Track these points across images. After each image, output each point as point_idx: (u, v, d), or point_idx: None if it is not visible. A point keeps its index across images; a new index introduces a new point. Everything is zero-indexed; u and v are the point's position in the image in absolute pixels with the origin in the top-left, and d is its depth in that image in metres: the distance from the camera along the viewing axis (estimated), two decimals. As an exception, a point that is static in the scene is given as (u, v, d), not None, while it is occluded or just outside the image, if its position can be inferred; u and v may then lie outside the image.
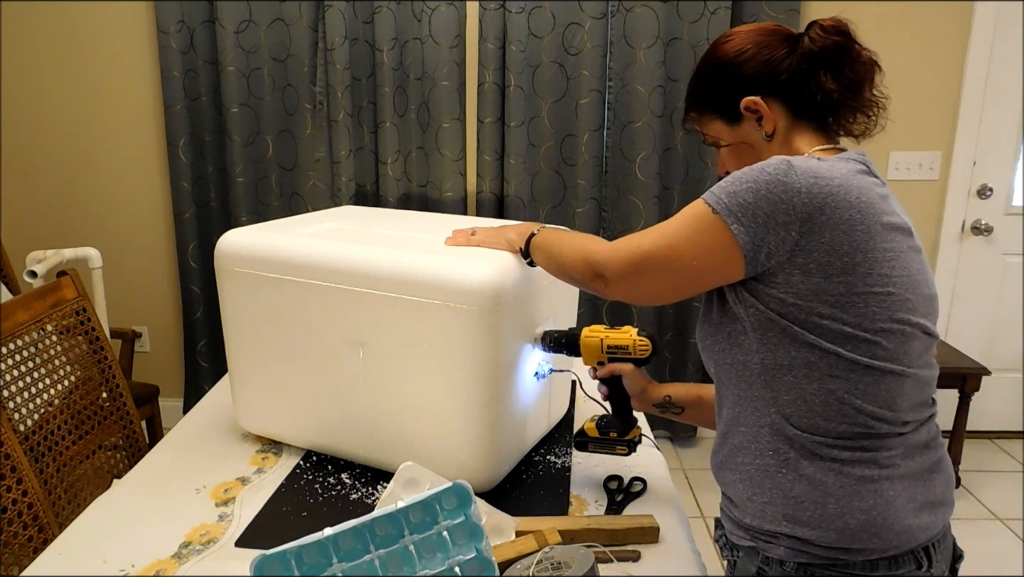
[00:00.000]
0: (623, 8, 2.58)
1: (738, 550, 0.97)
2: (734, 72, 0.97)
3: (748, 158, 0.99)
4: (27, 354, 1.51)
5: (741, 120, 0.99)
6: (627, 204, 2.75)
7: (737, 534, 0.97)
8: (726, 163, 1.03)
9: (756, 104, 0.96)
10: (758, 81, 0.96)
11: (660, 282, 0.95)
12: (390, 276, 1.17)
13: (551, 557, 0.95)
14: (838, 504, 0.89)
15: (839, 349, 0.86)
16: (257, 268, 1.28)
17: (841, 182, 0.85)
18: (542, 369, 1.30)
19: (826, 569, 0.90)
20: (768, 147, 0.99)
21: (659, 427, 3.00)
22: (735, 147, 1.01)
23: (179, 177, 2.76)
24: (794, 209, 0.84)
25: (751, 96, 0.97)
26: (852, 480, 0.89)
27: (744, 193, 0.85)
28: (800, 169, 0.85)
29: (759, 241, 0.85)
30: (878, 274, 0.85)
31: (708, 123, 1.03)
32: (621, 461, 1.36)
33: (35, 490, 1.34)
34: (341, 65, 2.61)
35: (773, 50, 0.96)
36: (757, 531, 0.94)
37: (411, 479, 1.13)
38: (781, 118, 0.97)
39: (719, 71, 0.99)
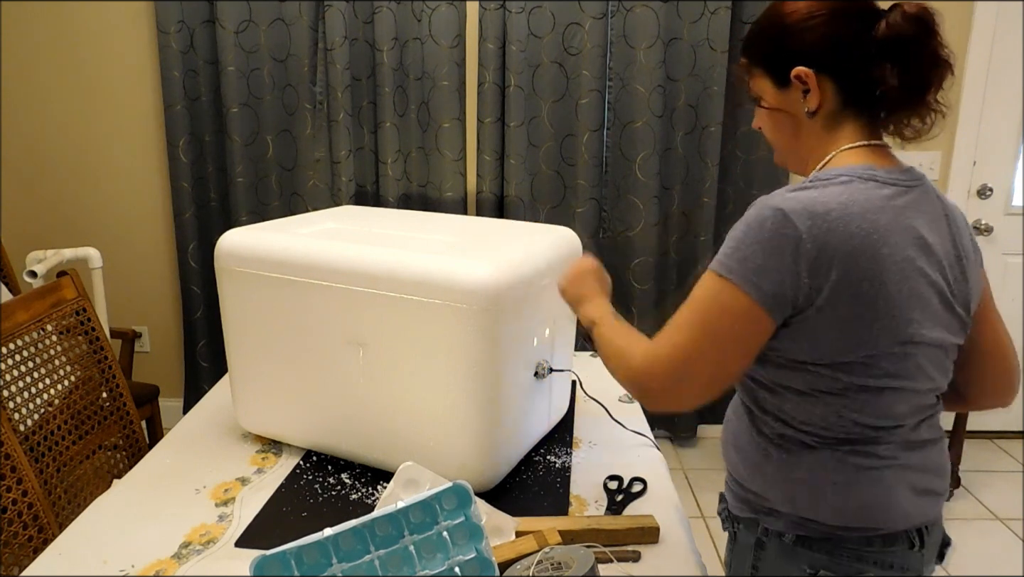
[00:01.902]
0: (623, 8, 2.58)
1: (739, 522, 1.01)
2: (796, 36, 0.91)
3: (785, 129, 0.96)
4: (27, 354, 1.51)
5: (789, 87, 0.93)
6: (627, 204, 2.75)
7: (738, 506, 1.01)
8: (763, 124, 0.99)
9: (807, 76, 0.91)
10: (817, 54, 0.90)
11: (708, 377, 0.88)
12: (390, 276, 1.17)
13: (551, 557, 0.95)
14: (837, 489, 0.91)
15: (838, 375, 0.88)
16: (257, 268, 1.28)
17: (839, 214, 0.83)
18: (542, 369, 1.30)
19: (823, 542, 0.92)
20: (809, 124, 0.94)
21: (659, 427, 3.00)
22: (775, 112, 0.96)
23: (179, 177, 2.76)
24: (801, 257, 0.83)
25: (805, 67, 0.91)
26: (852, 468, 0.91)
27: (754, 257, 0.84)
28: (796, 213, 0.83)
29: (780, 297, 0.84)
30: (883, 299, 0.84)
31: (756, 76, 0.97)
32: (621, 461, 1.36)
33: (35, 490, 1.34)
34: (341, 65, 2.61)
35: (845, 25, 0.89)
36: (757, 505, 0.97)
37: (411, 479, 1.13)
38: (829, 99, 0.92)
39: (782, 28, 0.92)
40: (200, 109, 2.75)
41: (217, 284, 1.35)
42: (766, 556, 0.96)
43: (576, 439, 1.45)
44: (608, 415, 1.45)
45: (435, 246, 1.24)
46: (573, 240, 1.40)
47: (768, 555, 0.96)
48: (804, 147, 0.96)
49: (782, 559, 0.95)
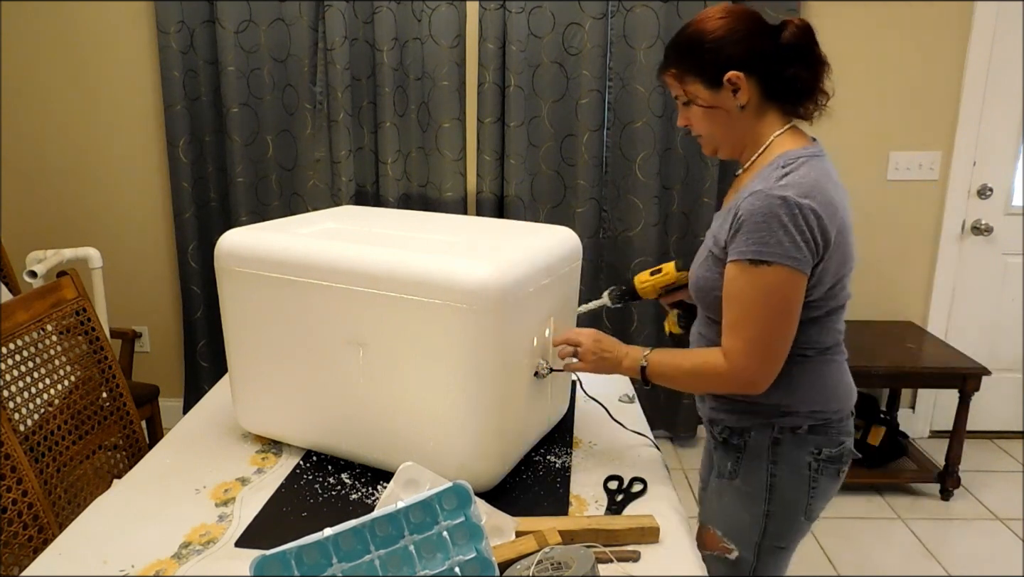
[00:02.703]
0: (623, 8, 2.58)
1: (748, 431, 1.23)
2: (725, 48, 1.12)
3: (719, 122, 1.17)
4: (27, 354, 1.51)
5: (720, 88, 1.14)
6: (627, 204, 2.75)
7: (747, 419, 1.23)
8: (697, 122, 1.19)
9: (738, 79, 1.12)
10: (743, 60, 1.12)
11: (784, 347, 1.13)
12: (390, 276, 1.16)
13: (551, 557, 0.95)
14: (833, 384, 1.21)
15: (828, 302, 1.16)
16: (257, 268, 1.28)
17: (820, 188, 1.08)
18: (542, 369, 1.30)
19: (822, 427, 1.21)
20: (740, 116, 1.16)
21: (659, 427, 3.00)
22: (710, 110, 1.16)
23: (179, 177, 2.76)
24: (813, 227, 1.06)
25: (735, 71, 1.12)
26: (836, 367, 1.22)
27: (783, 238, 1.06)
28: (797, 196, 1.06)
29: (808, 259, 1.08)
30: (848, 242, 1.14)
31: (689, 83, 1.17)
32: (621, 461, 1.36)
33: (35, 490, 1.34)
34: (341, 65, 2.61)
35: (760, 37, 1.12)
36: (773, 412, 1.20)
37: (411, 479, 1.13)
38: (755, 95, 1.14)
39: (711, 43, 1.13)
40: (200, 109, 2.75)
41: (217, 284, 1.35)
42: (782, 449, 1.21)
43: (576, 439, 1.45)
44: (608, 415, 1.45)
45: (435, 246, 1.24)
46: (573, 240, 1.40)
47: (783, 447, 1.21)
48: (737, 135, 1.18)
49: (795, 447, 1.21)
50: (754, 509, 1.24)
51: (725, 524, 1.28)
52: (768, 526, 1.24)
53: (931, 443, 3.04)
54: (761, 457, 1.23)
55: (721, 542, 1.28)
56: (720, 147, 1.22)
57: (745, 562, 1.27)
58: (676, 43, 1.18)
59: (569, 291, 1.40)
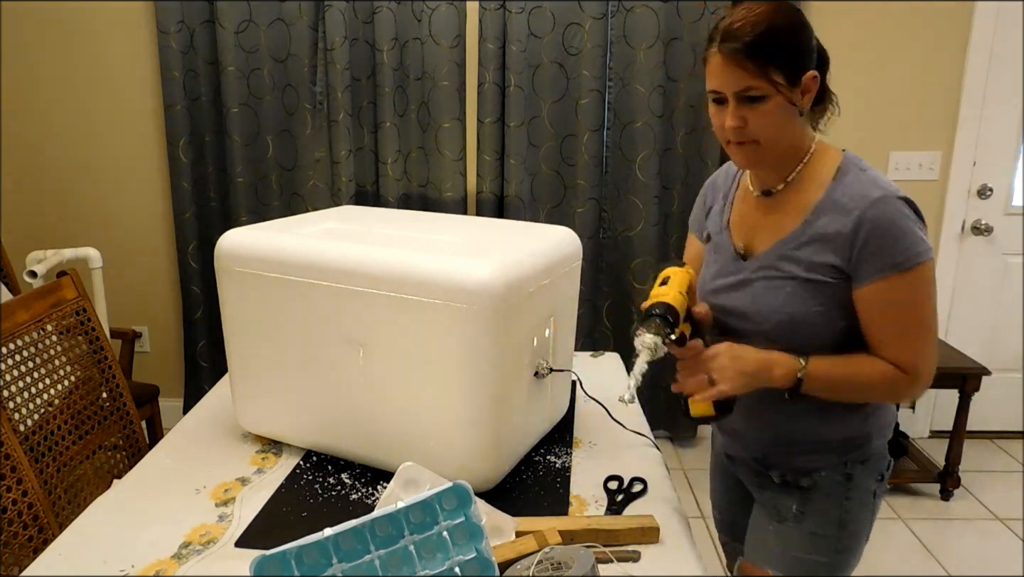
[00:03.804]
0: (623, 8, 2.58)
1: (819, 471, 1.18)
2: (807, 41, 1.06)
3: (784, 120, 1.06)
4: (27, 354, 1.51)
5: (797, 87, 1.05)
6: (627, 204, 2.75)
7: (815, 459, 1.18)
8: (762, 120, 1.05)
9: (814, 81, 1.06)
10: (817, 60, 1.07)
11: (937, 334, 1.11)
12: (390, 276, 1.16)
13: (551, 557, 0.95)
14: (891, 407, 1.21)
15: None
16: (257, 268, 1.28)
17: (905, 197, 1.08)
18: (542, 369, 1.30)
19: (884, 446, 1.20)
20: (798, 120, 1.09)
21: (659, 427, 3.00)
22: (784, 106, 1.05)
23: (179, 177, 2.77)
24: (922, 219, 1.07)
25: (813, 71, 1.06)
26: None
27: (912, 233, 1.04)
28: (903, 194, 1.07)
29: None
30: None
31: (771, 73, 1.02)
32: (621, 461, 1.35)
33: (35, 490, 1.34)
34: (341, 65, 2.61)
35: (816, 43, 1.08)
36: (844, 448, 1.17)
37: (411, 479, 1.13)
38: (809, 100, 1.08)
39: (801, 33, 1.05)
40: (200, 109, 2.75)
41: (217, 284, 1.35)
42: (854, 483, 1.17)
43: (576, 439, 1.45)
44: (608, 415, 1.45)
45: (435, 246, 1.24)
46: (573, 240, 1.40)
47: (855, 481, 1.17)
48: (793, 141, 1.11)
49: (864, 477, 1.18)
50: (824, 548, 1.19)
51: (789, 568, 1.21)
52: (839, 562, 1.19)
53: (931, 443, 3.04)
54: (833, 495, 1.18)
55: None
56: (769, 153, 1.09)
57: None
58: (761, 31, 1.01)
59: (569, 291, 1.40)
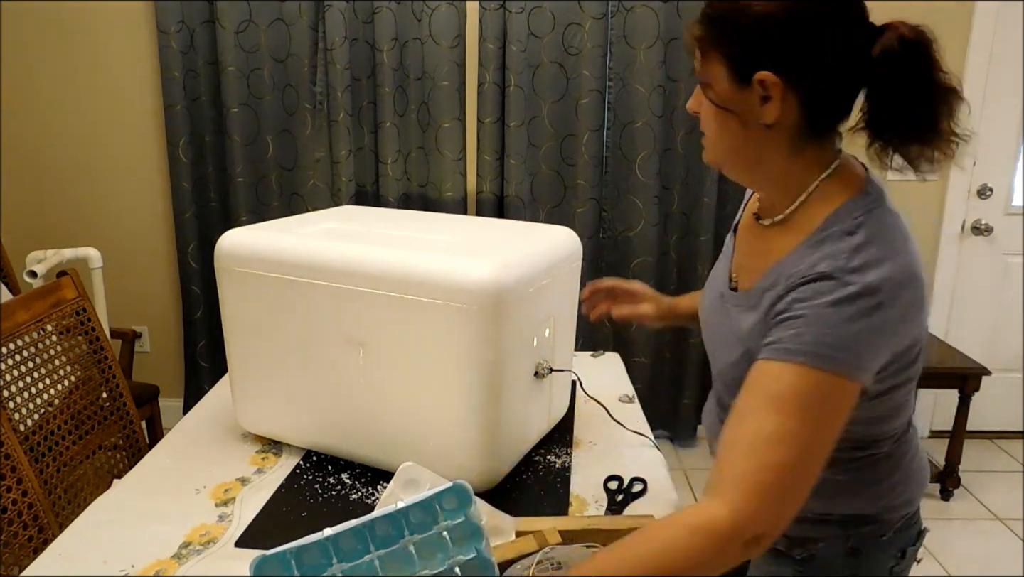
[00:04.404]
0: (623, 8, 2.58)
1: (818, 541, 0.98)
2: (774, 32, 0.74)
3: (730, 133, 0.82)
4: (27, 354, 1.51)
5: (747, 88, 0.78)
6: (627, 204, 2.75)
7: (815, 529, 0.97)
8: (704, 115, 0.84)
9: (772, 85, 0.76)
10: (791, 60, 0.75)
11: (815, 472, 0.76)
12: (390, 276, 1.16)
13: (551, 557, 0.95)
14: (915, 475, 0.97)
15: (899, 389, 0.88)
16: (257, 268, 1.28)
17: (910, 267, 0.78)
18: (542, 369, 1.30)
19: (904, 522, 0.97)
20: (764, 137, 0.80)
21: (659, 427, 3.00)
22: (724, 112, 0.81)
23: (179, 177, 2.77)
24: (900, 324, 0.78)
25: (772, 73, 0.76)
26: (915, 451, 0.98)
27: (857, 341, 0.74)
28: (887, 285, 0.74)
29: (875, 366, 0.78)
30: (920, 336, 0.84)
31: (712, 60, 0.80)
32: (621, 461, 1.35)
33: (35, 490, 1.34)
34: (341, 65, 2.60)
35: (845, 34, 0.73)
36: (847, 522, 0.96)
37: (411, 479, 1.13)
38: (792, 116, 0.78)
39: (756, 18, 0.75)
40: (200, 109, 2.75)
41: (217, 284, 1.35)
42: (863, 561, 0.97)
43: (576, 439, 1.45)
44: (608, 415, 1.45)
45: (435, 246, 1.24)
46: (573, 240, 1.40)
47: (864, 558, 0.97)
48: (756, 159, 0.84)
49: (877, 555, 0.98)
50: None
51: None
52: None
53: (931, 443, 3.03)
54: (833, 571, 0.98)
55: None
56: (723, 162, 0.87)
57: None
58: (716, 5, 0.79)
59: (569, 291, 1.40)
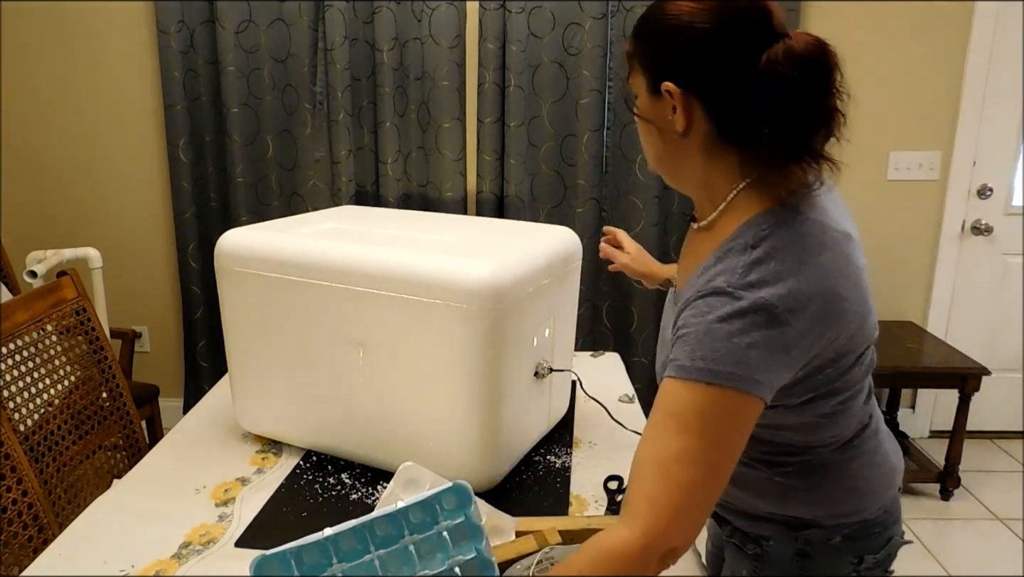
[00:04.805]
0: (623, 8, 2.58)
1: (766, 540, 0.97)
2: (674, 44, 0.78)
3: (653, 141, 0.86)
4: (27, 354, 1.51)
5: (660, 98, 0.81)
6: (627, 204, 2.75)
7: (765, 527, 0.97)
8: (639, 129, 0.88)
9: (673, 94, 0.79)
10: (691, 72, 0.78)
11: (719, 486, 0.77)
12: (390, 276, 1.16)
13: (551, 557, 0.95)
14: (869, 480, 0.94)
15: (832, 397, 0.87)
16: (257, 268, 1.28)
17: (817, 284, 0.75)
18: (542, 369, 1.30)
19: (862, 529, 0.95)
20: (682, 145, 0.82)
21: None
22: (645, 122, 0.85)
23: (179, 177, 2.77)
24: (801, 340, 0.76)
25: (673, 83, 0.79)
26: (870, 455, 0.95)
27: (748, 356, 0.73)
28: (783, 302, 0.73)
29: (780, 379, 0.78)
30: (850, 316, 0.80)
31: (636, 75, 0.85)
32: (621, 461, 1.35)
33: (35, 490, 1.34)
34: (341, 65, 2.61)
35: (729, 46, 0.75)
36: (796, 524, 0.95)
37: (411, 479, 1.13)
38: (701, 126, 0.81)
39: (663, 30, 0.79)
40: (200, 109, 2.75)
41: (217, 284, 1.35)
42: (812, 563, 0.96)
43: (576, 439, 1.45)
44: (608, 415, 1.45)
45: (435, 246, 1.24)
46: (573, 240, 1.40)
47: (814, 561, 0.95)
48: (683, 170, 0.87)
49: (828, 559, 0.95)
50: None
51: None
52: None
53: (931, 443, 3.04)
54: (784, 570, 0.97)
55: None
56: (659, 172, 0.90)
57: None
58: (643, 14, 0.83)
59: (569, 291, 1.40)
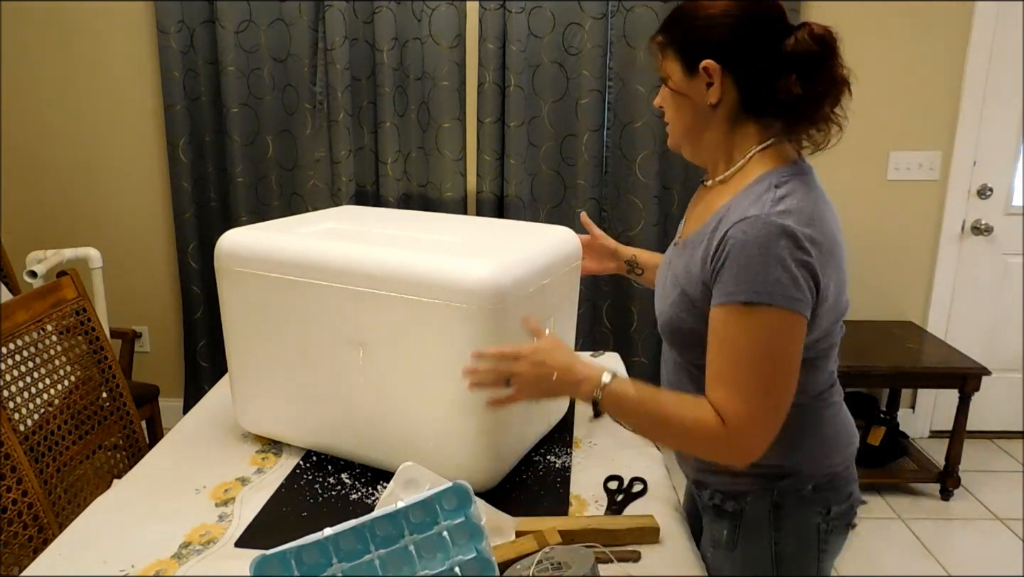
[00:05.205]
0: (623, 8, 2.58)
1: (744, 496, 1.08)
2: (712, 29, 0.96)
3: (685, 115, 1.03)
4: (27, 354, 1.51)
5: (696, 76, 0.99)
6: (627, 204, 2.75)
7: (741, 482, 1.08)
8: (666, 105, 1.05)
9: (712, 70, 0.97)
10: (728, 52, 0.96)
11: (785, 406, 0.94)
12: (390, 275, 1.16)
13: (551, 557, 0.95)
14: (837, 432, 1.08)
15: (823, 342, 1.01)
16: (257, 268, 1.28)
17: (819, 217, 0.93)
18: None
19: (829, 482, 1.07)
20: (711, 116, 1.00)
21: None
22: (679, 96, 1.02)
23: (179, 177, 2.77)
24: (814, 262, 0.91)
25: (712, 61, 0.97)
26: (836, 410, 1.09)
27: (781, 277, 0.89)
28: (795, 226, 0.90)
29: (810, 299, 0.92)
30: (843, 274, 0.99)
31: (668, 58, 1.02)
32: (621, 461, 1.35)
33: (35, 490, 1.34)
34: (341, 65, 2.60)
35: (757, 31, 0.95)
36: (770, 475, 1.06)
37: (411, 479, 1.13)
38: (730, 98, 0.99)
39: (702, 19, 0.97)
40: (200, 109, 2.75)
41: (217, 284, 1.35)
42: (785, 513, 1.07)
43: (576, 439, 1.45)
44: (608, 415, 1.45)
45: (435, 246, 1.24)
46: (573, 240, 1.40)
47: (787, 512, 1.07)
48: (705, 138, 1.03)
49: (800, 509, 1.07)
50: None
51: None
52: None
53: (931, 443, 3.04)
54: (761, 524, 1.08)
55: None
56: (682, 144, 1.07)
57: None
58: (673, 11, 1.02)
59: (569, 291, 1.40)
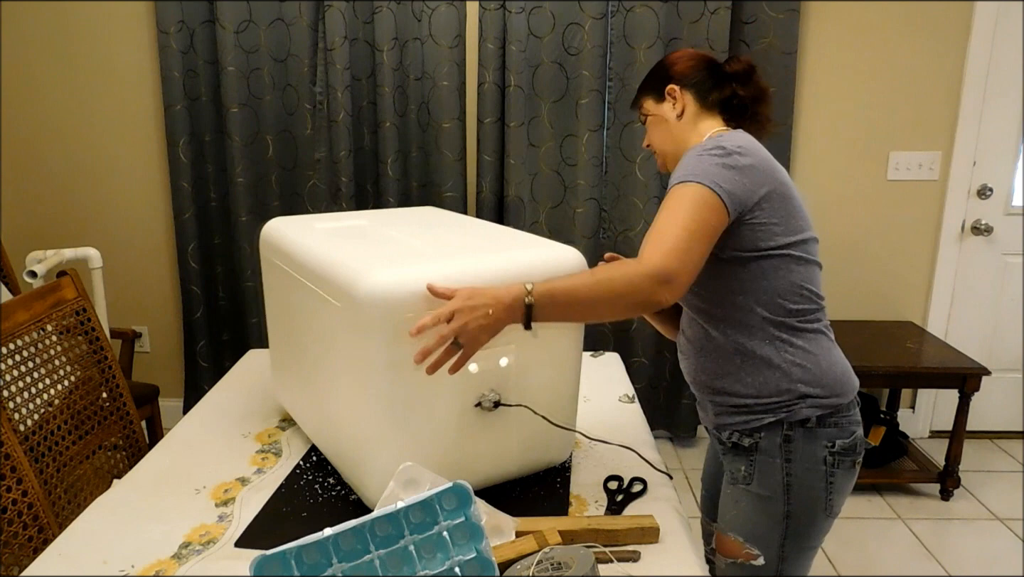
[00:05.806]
0: (623, 8, 2.58)
1: (759, 432, 1.21)
2: (671, 68, 1.34)
3: (663, 132, 1.34)
4: (27, 354, 1.51)
5: (664, 100, 1.33)
6: (627, 204, 2.75)
7: (756, 419, 1.21)
8: (651, 134, 1.37)
9: (674, 91, 1.32)
10: (684, 77, 1.32)
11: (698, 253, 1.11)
12: (322, 276, 1.18)
13: (551, 557, 0.95)
14: (826, 360, 1.21)
15: (791, 252, 1.18)
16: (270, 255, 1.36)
17: (751, 144, 1.19)
18: (485, 401, 1.17)
19: (832, 416, 1.20)
20: (677, 124, 1.32)
21: (659, 427, 3.00)
22: (655, 119, 1.35)
23: (179, 177, 2.76)
24: (746, 169, 1.14)
25: (673, 85, 1.32)
26: (826, 340, 1.23)
27: (713, 170, 1.13)
28: (729, 144, 1.16)
29: (734, 196, 1.13)
30: (795, 199, 1.20)
31: (643, 99, 1.37)
32: (621, 461, 1.36)
33: (35, 490, 1.34)
34: (341, 65, 2.61)
35: (703, 66, 1.33)
36: (779, 404, 1.20)
37: (411, 479, 1.13)
38: (690, 104, 1.31)
39: (664, 67, 1.35)
40: (200, 109, 2.75)
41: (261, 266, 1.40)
42: (795, 445, 1.20)
43: (576, 439, 1.45)
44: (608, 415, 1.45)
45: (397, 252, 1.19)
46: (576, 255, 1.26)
47: (796, 444, 1.20)
48: (678, 142, 1.32)
49: (807, 442, 1.20)
50: (773, 511, 1.22)
51: (746, 530, 1.24)
52: (790, 527, 1.22)
53: (931, 443, 3.04)
54: (774, 457, 1.21)
55: (744, 548, 1.24)
56: (667, 157, 1.35)
57: (771, 565, 1.24)
58: (648, 75, 1.38)
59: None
